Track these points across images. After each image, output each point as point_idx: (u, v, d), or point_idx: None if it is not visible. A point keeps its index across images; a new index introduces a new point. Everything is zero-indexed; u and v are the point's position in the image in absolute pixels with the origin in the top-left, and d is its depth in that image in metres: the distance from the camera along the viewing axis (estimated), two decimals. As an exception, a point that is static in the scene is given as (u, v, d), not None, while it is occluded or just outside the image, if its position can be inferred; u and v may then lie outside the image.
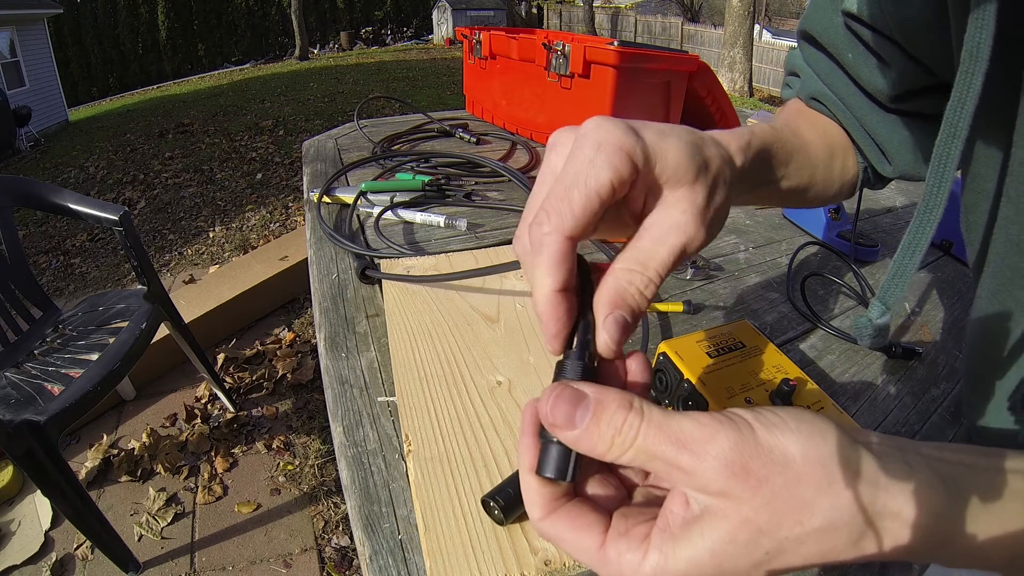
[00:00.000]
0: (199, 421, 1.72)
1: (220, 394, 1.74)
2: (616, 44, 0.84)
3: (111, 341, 1.21)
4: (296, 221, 3.43)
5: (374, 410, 0.43)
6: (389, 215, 0.72)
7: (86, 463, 1.54)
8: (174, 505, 1.45)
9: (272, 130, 5.86)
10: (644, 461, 0.18)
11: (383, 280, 0.56)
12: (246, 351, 2.04)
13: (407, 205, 0.74)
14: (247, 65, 16.42)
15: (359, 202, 0.73)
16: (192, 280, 2.64)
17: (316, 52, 16.43)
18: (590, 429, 0.18)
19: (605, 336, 0.20)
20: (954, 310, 0.63)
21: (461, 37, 1.17)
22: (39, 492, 1.45)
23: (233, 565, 1.31)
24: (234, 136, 5.71)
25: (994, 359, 0.33)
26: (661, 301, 0.59)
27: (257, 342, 2.09)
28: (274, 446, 1.65)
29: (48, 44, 10.16)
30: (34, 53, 9.61)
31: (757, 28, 12.60)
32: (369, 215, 0.73)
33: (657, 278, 0.21)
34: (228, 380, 1.88)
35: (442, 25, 17.56)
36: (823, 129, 0.41)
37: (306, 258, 0.77)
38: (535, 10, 20.60)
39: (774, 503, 0.17)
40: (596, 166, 0.20)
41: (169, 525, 1.40)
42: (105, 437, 1.63)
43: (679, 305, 0.57)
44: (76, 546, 1.33)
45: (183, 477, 1.53)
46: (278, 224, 3.43)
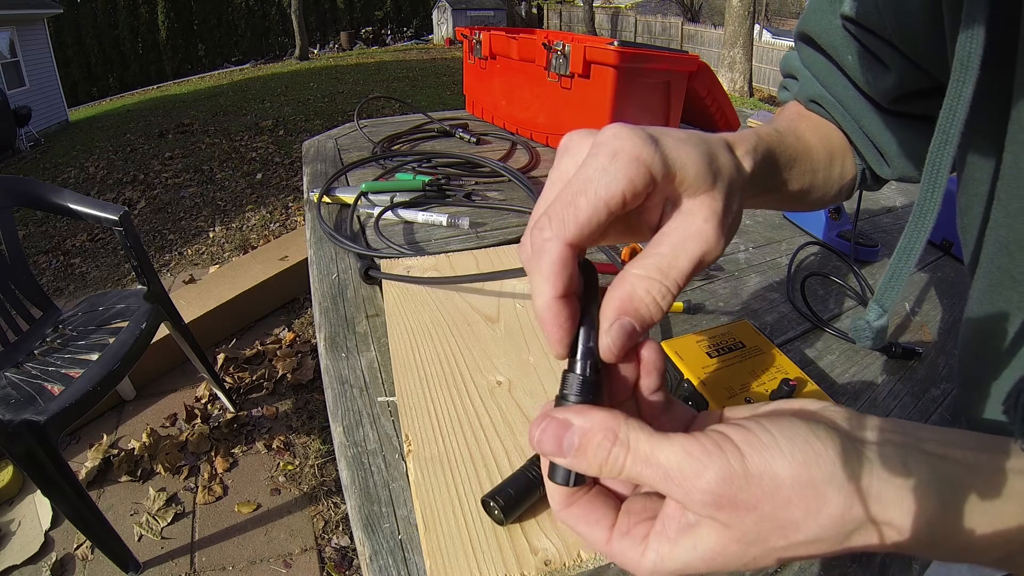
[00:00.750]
0: (199, 421, 1.72)
1: (220, 394, 1.74)
2: (616, 44, 0.84)
3: (111, 341, 1.21)
4: (296, 221, 3.43)
5: (374, 410, 0.43)
6: (389, 215, 0.72)
7: (86, 463, 1.54)
8: (174, 505, 1.45)
9: (272, 130, 5.86)
10: (637, 481, 0.20)
11: (383, 280, 0.56)
12: (246, 351, 2.04)
13: (407, 205, 0.74)
14: (247, 65, 16.43)
15: (359, 202, 0.73)
16: (192, 280, 2.65)
17: (316, 52, 16.44)
18: (578, 458, 0.20)
19: (608, 342, 0.20)
20: (954, 310, 0.63)
21: (461, 37, 1.17)
22: (39, 492, 1.45)
23: (233, 565, 1.31)
24: (234, 136, 5.71)
25: (986, 360, 0.33)
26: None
27: (257, 342, 2.09)
28: (274, 446, 1.65)
29: (48, 44, 10.16)
30: (34, 53, 9.62)
31: (757, 28, 12.59)
32: (369, 215, 0.73)
33: (676, 288, 0.21)
34: (228, 380, 1.88)
35: (442, 25, 17.56)
36: (824, 133, 0.41)
37: (306, 258, 0.77)
38: (535, 10, 20.60)
39: (762, 523, 0.18)
40: (609, 175, 0.19)
41: (169, 525, 1.40)
42: (105, 437, 1.63)
43: (679, 305, 0.57)
44: (76, 546, 1.33)
45: (183, 477, 1.53)
46: (278, 224, 3.43)
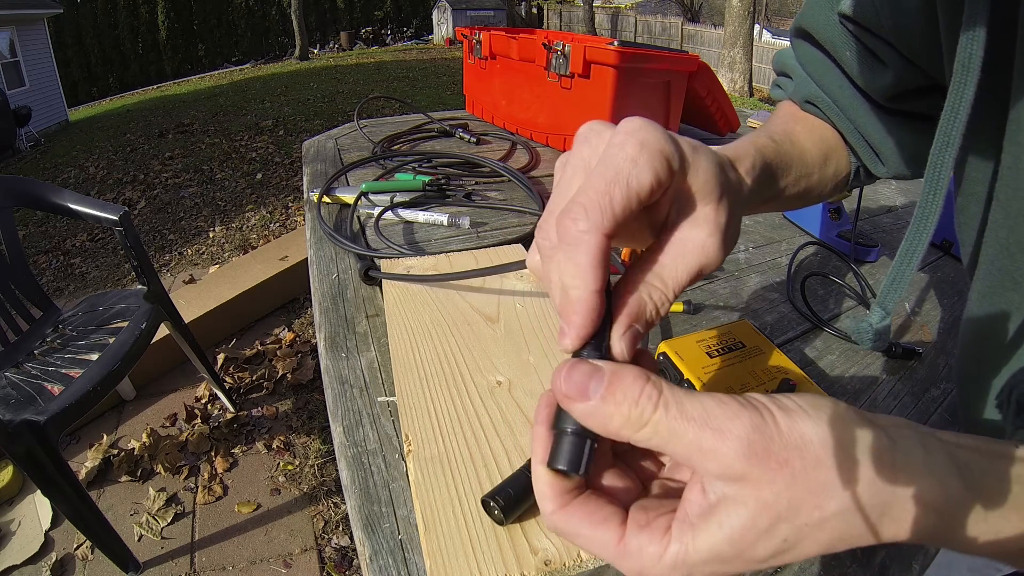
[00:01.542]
0: (199, 421, 1.72)
1: (220, 394, 1.74)
2: (616, 44, 0.84)
3: (111, 341, 1.21)
4: (296, 221, 3.43)
5: (374, 410, 0.43)
6: (389, 215, 0.73)
7: (86, 463, 1.54)
8: (174, 505, 1.45)
9: (272, 130, 5.86)
10: (661, 442, 0.18)
11: (383, 280, 0.56)
12: (246, 351, 2.04)
13: (407, 205, 0.74)
14: (247, 65, 16.42)
15: (359, 202, 0.73)
16: (192, 280, 2.64)
17: (316, 52, 16.43)
18: (605, 400, 0.17)
19: (623, 347, 0.20)
20: (954, 310, 0.63)
21: (461, 37, 1.17)
22: (39, 492, 1.45)
23: (233, 565, 1.31)
24: (234, 136, 5.71)
25: (986, 360, 0.33)
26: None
27: (257, 342, 2.09)
28: (274, 446, 1.65)
29: (48, 44, 10.16)
30: (34, 53, 9.62)
31: (757, 28, 12.60)
32: (369, 215, 0.73)
33: (674, 296, 0.21)
34: (228, 380, 1.88)
35: (442, 25, 17.55)
36: (819, 134, 0.41)
37: (306, 258, 0.77)
38: (535, 10, 20.60)
39: (794, 487, 0.17)
40: (639, 166, 0.19)
41: (169, 525, 1.40)
42: (105, 437, 1.63)
43: (679, 305, 0.57)
44: (76, 546, 1.33)
45: (183, 477, 1.53)
46: (278, 224, 3.43)
